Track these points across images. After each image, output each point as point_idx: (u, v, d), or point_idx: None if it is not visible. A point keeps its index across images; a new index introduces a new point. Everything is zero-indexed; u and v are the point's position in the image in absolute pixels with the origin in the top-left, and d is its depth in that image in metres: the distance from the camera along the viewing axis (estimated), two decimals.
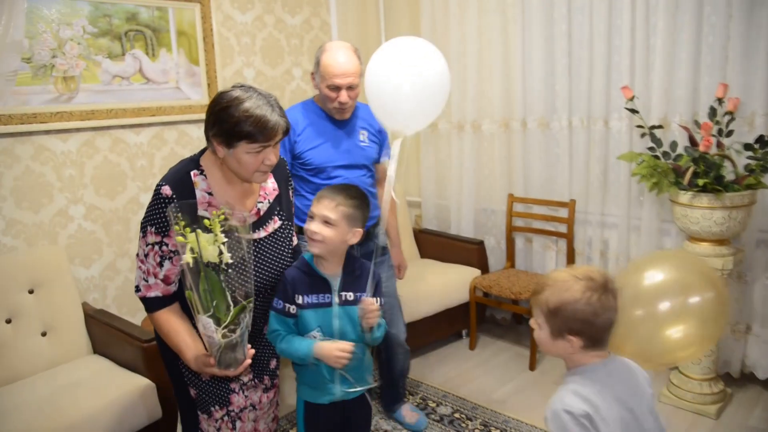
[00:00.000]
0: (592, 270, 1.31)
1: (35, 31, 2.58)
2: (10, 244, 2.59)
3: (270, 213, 1.73)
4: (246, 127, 1.49)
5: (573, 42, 3.07)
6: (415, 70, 1.86)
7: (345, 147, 2.31)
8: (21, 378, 2.35)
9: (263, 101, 1.52)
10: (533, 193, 3.36)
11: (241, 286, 1.43)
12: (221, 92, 1.55)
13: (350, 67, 2.18)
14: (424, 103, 1.90)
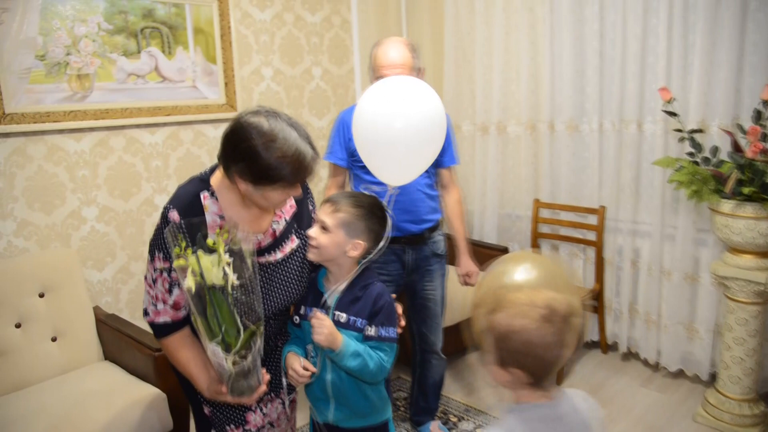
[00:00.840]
0: (557, 298, 1.12)
1: (49, 27, 2.51)
2: (21, 246, 2.52)
3: (287, 233, 1.61)
4: (281, 173, 1.35)
5: (605, 42, 2.93)
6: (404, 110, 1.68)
7: None
8: (30, 384, 2.28)
9: (295, 134, 1.36)
10: (560, 198, 3.22)
11: (250, 310, 1.33)
12: (245, 122, 1.36)
13: (398, 58, 2.12)
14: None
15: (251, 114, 1.38)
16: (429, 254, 2.35)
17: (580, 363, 3.11)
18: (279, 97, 3.35)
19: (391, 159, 1.71)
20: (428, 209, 2.32)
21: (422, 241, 2.31)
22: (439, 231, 2.39)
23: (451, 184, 2.45)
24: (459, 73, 3.52)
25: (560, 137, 3.16)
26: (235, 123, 1.39)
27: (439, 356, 2.49)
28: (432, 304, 2.41)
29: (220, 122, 3.10)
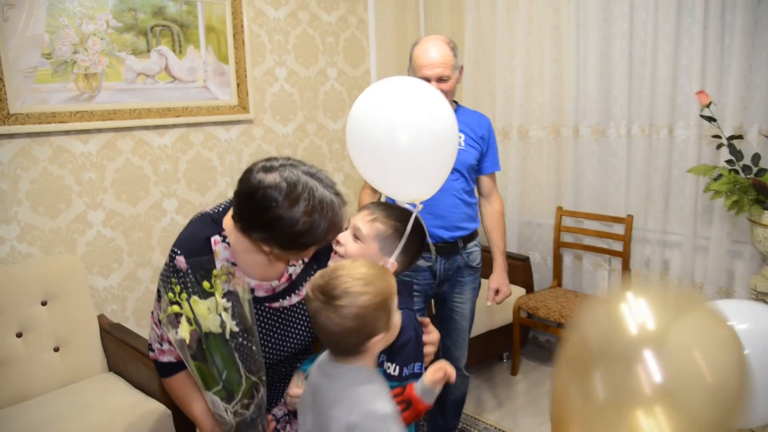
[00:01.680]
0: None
1: (57, 25, 2.42)
2: (25, 251, 2.43)
3: (304, 275, 1.48)
4: (311, 235, 1.23)
5: (634, 42, 2.80)
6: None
7: None
8: (30, 397, 2.18)
9: (316, 183, 1.22)
10: (585, 206, 3.08)
11: (250, 358, 1.23)
12: (261, 185, 1.19)
13: (438, 57, 2.05)
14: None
15: (264, 170, 1.22)
16: (462, 265, 2.23)
17: None
18: (293, 99, 3.24)
19: (393, 173, 1.45)
20: (463, 216, 2.20)
21: (455, 251, 2.20)
22: (474, 242, 2.27)
23: (493, 192, 2.34)
24: (479, 76, 3.40)
25: (585, 142, 3.02)
26: (248, 185, 1.22)
27: (462, 373, 2.36)
28: (459, 318, 2.29)
29: (231, 124, 3.00)
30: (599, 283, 3.08)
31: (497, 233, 2.32)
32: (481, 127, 2.26)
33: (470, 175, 2.24)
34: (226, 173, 3.01)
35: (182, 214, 2.87)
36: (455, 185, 2.18)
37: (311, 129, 3.35)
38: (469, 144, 2.22)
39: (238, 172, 3.02)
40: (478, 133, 2.24)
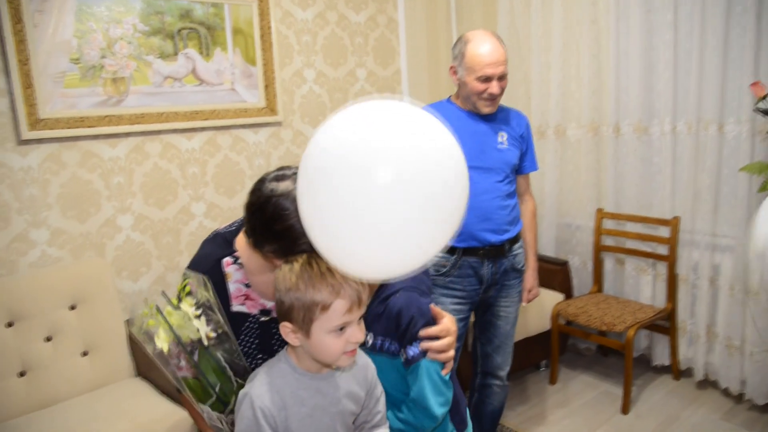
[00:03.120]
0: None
1: (84, 29, 2.42)
2: (55, 255, 2.43)
3: None
4: None
5: (679, 33, 2.63)
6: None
7: (480, 147, 2.08)
8: (58, 401, 2.18)
9: None
10: (626, 208, 2.92)
11: (234, 364, 1.21)
12: (272, 195, 1.14)
13: (500, 55, 2.01)
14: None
15: (275, 180, 1.17)
16: (508, 268, 2.15)
17: (648, 389, 2.80)
18: (321, 100, 3.19)
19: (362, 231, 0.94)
20: (509, 218, 2.13)
21: (502, 254, 2.12)
22: (519, 243, 2.20)
23: (527, 192, 2.30)
24: (513, 72, 3.27)
25: (626, 141, 2.86)
26: (259, 196, 1.17)
27: (503, 382, 2.25)
28: (503, 323, 2.20)
29: (259, 126, 2.97)
30: (643, 289, 2.92)
31: (530, 233, 2.27)
32: (520, 125, 2.19)
33: (512, 175, 2.16)
34: (255, 176, 2.95)
35: (210, 217, 2.84)
36: (501, 187, 2.11)
37: None
38: (511, 143, 2.14)
39: None
40: (518, 132, 2.17)
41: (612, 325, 2.59)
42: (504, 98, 3.30)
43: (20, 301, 2.17)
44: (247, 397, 1.11)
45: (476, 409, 2.32)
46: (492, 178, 2.08)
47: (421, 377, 1.22)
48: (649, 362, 2.99)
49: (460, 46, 2.06)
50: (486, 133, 2.10)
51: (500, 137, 2.11)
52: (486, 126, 2.11)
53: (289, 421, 1.12)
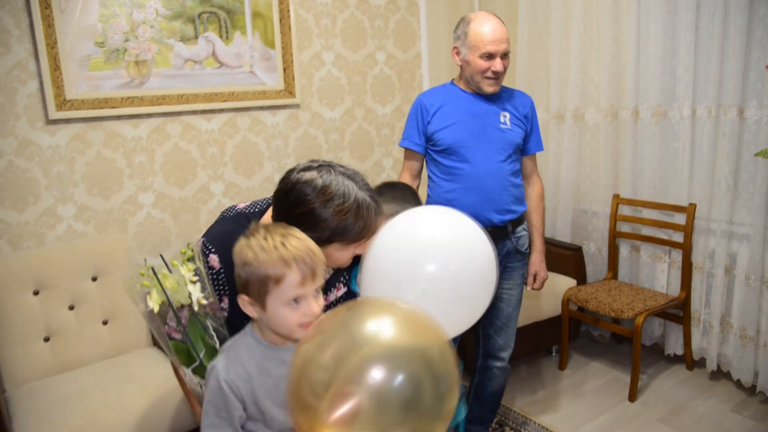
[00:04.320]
0: None
1: (109, 14, 2.53)
2: (80, 230, 2.57)
3: (334, 281, 1.51)
4: (341, 230, 1.26)
5: (701, 16, 2.56)
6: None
7: (481, 127, 2.09)
8: (79, 366, 2.32)
9: (353, 185, 1.27)
10: (644, 194, 2.87)
11: (220, 332, 1.28)
12: (298, 182, 1.28)
13: (502, 32, 2.03)
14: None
15: (303, 170, 1.29)
16: (511, 250, 2.17)
17: (660, 378, 2.77)
18: (340, 83, 3.23)
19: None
20: (512, 198, 2.13)
21: (505, 235, 2.13)
22: (523, 225, 2.21)
23: (534, 174, 2.28)
24: (533, 56, 3.24)
25: (645, 125, 2.81)
26: (287, 183, 1.30)
27: (504, 364, 2.27)
28: (504, 305, 2.21)
29: (277, 108, 3.04)
30: (658, 277, 2.87)
31: (537, 216, 2.25)
32: (524, 105, 2.18)
33: (516, 155, 2.15)
34: (273, 158, 3.06)
35: (229, 197, 2.94)
36: (504, 166, 2.11)
37: (359, 113, 3.33)
38: (514, 123, 2.14)
39: (284, 157, 3.08)
40: (522, 112, 2.16)
41: (620, 312, 2.57)
42: (524, 82, 3.29)
43: (46, 272, 2.31)
44: (214, 369, 1.17)
45: (477, 391, 2.35)
46: (494, 157, 2.08)
47: None
48: (662, 351, 2.95)
49: (463, 27, 2.07)
50: (488, 113, 2.10)
51: (502, 117, 2.11)
52: (488, 106, 2.11)
53: (256, 392, 1.17)
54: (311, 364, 0.98)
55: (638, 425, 2.44)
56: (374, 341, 0.98)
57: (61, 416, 1.94)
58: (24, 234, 2.45)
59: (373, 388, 0.92)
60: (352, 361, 0.94)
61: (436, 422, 0.95)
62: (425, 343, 1.00)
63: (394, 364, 0.94)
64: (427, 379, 0.94)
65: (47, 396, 2.07)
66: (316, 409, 0.94)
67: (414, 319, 1.05)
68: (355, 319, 1.02)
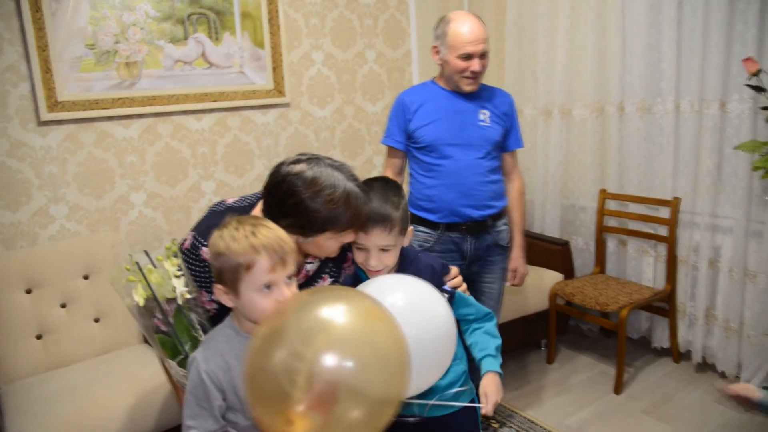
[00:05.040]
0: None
1: (99, 17, 2.57)
2: (73, 229, 2.62)
3: (320, 272, 1.55)
4: (334, 221, 1.31)
5: (684, 11, 2.58)
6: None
7: (460, 125, 2.14)
8: (71, 363, 2.36)
9: (341, 176, 1.32)
10: (630, 188, 2.90)
11: (204, 325, 1.32)
12: (289, 174, 1.32)
13: (480, 33, 2.06)
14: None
15: (292, 163, 1.34)
16: (491, 244, 2.20)
17: (646, 371, 2.79)
18: (330, 82, 3.27)
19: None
20: (491, 194, 2.17)
21: (484, 230, 2.17)
22: (503, 220, 2.25)
23: (514, 170, 2.32)
24: (521, 53, 3.27)
25: (630, 120, 2.83)
26: (276, 176, 1.35)
27: None
28: (486, 299, 2.25)
29: (268, 108, 3.07)
30: (644, 270, 2.90)
31: (517, 212, 2.30)
32: (503, 103, 2.22)
33: (495, 152, 2.19)
34: (264, 156, 3.09)
35: (220, 196, 2.98)
36: (483, 163, 2.15)
37: (349, 112, 3.36)
38: (494, 121, 2.18)
39: (275, 155, 3.11)
40: (502, 110, 2.20)
41: (606, 305, 2.60)
42: (512, 78, 3.31)
43: (38, 270, 2.36)
44: (195, 360, 1.21)
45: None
46: (472, 154, 2.12)
47: (467, 299, 1.53)
48: (649, 344, 2.98)
49: (442, 26, 2.10)
50: (467, 111, 2.14)
51: (482, 115, 2.14)
52: (467, 104, 2.14)
53: (236, 381, 1.21)
54: (260, 361, 1.04)
55: (623, 417, 2.47)
56: (325, 330, 1.03)
57: (51, 412, 1.98)
58: (17, 234, 2.49)
59: (335, 374, 0.97)
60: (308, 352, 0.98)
61: (385, 405, 1.00)
62: (375, 330, 1.04)
63: (345, 352, 0.98)
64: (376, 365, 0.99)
65: (39, 392, 2.11)
66: (287, 398, 0.99)
67: (364, 307, 1.10)
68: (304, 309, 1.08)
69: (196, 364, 1.20)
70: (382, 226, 1.40)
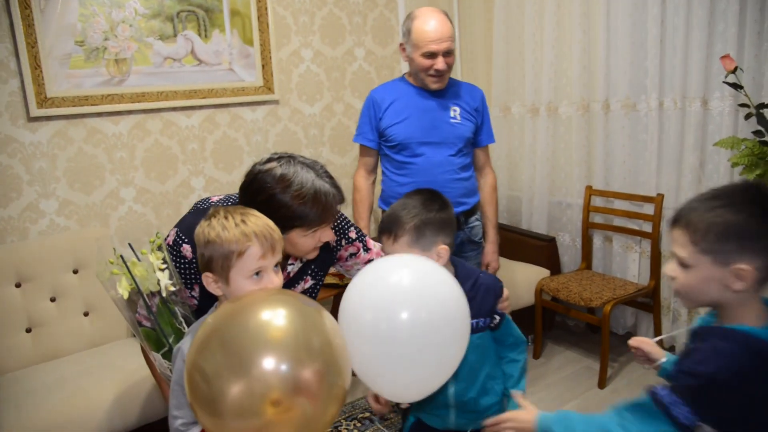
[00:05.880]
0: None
1: (88, 14, 2.59)
2: (63, 225, 2.64)
3: (302, 273, 1.58)
4: (303, 215, 1.35)
5: (667, 9, 2.61)
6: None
7: (431, 122, 2.15)
8: (62, 356, 2.39)
9: (312, 174, 1.36)
10: (615, 185, 2.93)
11: (188, 317, 1.35)
12: (260, 171, 1.37)
13: (445, 31, 2.05)
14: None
15: (264, 162, 1.40)
16: (464, 240, 2.23)
17: (631, 366, 2.82)
18: (319, 79, 3.29)
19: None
20: (463, 191, 2.19)
21: (457, 226, 2.19)
22: (476, 216, 2.27)
23: (486, 166, 2.33)
24: (509, 52, 3.30)
25: (616, 117, 2.86)
26: (250, 174, 1.40)
27: None
28: None
29: (257, 105, 3.10)
30: (629, 266, 2.93)
31: (490, 207, 2.31)
32: (474, 99, 2.22)
33: (467, 148, 2.21)
34: (253, 152, 3.12)
35: (209, 192, 3.01)
36: (453, 160, 2.16)
37: (339, 109, 3.39)
38: (465, 117, 2.19)
39: (264, 152, 3.13)
40: (473, 105, 2.21)
41: (589, 301, 2.63)
42: (500, 77, 3.34)
43: (28, 265, 2.38)
44: (180, 351, 1.23)
45: None
46: (444, 152, 2.13)
47: (512, 325, 1.51)
48: None
49: (407, 23, 2.10)
50: (438, 108, 2.15)
51: (453, 112, 2.15)
52: (438, 101, 2.15)
53: None
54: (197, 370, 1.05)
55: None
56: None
57: (39, 403, 2.01)
58: (7, 228, 2.52)
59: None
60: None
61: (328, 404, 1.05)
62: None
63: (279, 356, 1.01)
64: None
65: (27, 384, 2.14)
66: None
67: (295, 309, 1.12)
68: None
69: (182, 354, 1.22)
70: (387, 234, 1.40)
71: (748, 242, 1.00)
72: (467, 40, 3.59)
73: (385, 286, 1.20)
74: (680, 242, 1.07)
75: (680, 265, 1.08)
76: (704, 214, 1.04)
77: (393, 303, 1.16)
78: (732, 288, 1.02)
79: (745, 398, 0.97)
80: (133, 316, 1.43)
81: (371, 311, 1.17)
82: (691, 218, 1.06)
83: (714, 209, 1.03)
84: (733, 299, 1.03)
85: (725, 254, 1.01)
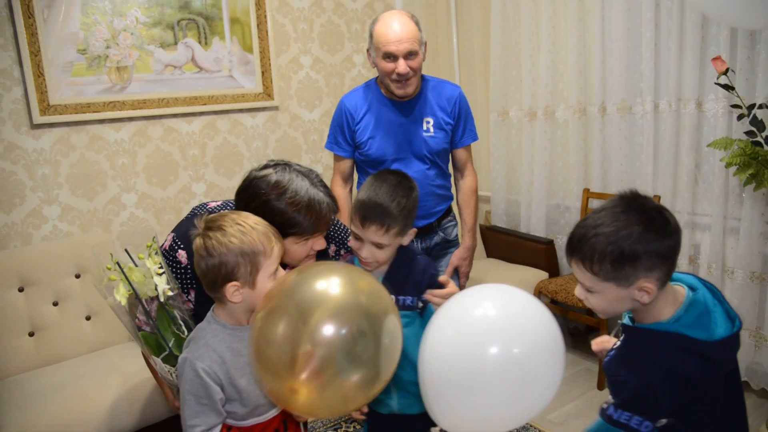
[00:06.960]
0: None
1: (90, 22, 2.64)
2: (66, 230, 2.68)
3: None
4: (297, 222, 1.36)
5: (661, 12, 2.63)
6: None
7: (405, 137, 2.08)
8: (64, 359, 2.42)
9: (307, 182, 1.38)
10: (612, 187, 2.95)
11: (187, 321, 1.37)
12: (255, 177, 1.39)
13: (405, 32, 1.92)
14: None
15: (260, 169, 1.41)
16: (440, 241, 2.22)
17: None
18: (318, 86, 3.33)
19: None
20: (437, 201, 2.17)
21: (431, 230, 2.20)
22: (449, 217, 2.24)
23: (467, 166, 2.24)
24: (506, 56, 3.33)
25: (612, 121, 2.89)
26: (245, 180, 1.42)
27: None
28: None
29: (257, 111, 3.14)
30: None
31: (468, 210, 2.24)
32: (450, 101, 2.11)
33: (442, 157, 2.16)
34: (253, 158, 3.15)
35: (210, 197, 3.04)
36: (429, 174, 2.12)
37: None
38: (438, 128, 2.11)
39: (264, 157, 3.17)
40: (447, 110, 2.11)
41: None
42: (498, 82, 3.37)
43: (31, 269, 2.41)
44: (186, 361, 1.22)
45: None
46: (418, 166, 2.09)
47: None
48: None
49: (370, 27, 2.02)
50: (411, 122, 2.08)
51: (426, 124, 2.08)
52: (411, 113, 2.07)
53: (231, 373, 1.23)
54: (266, 336, 1.12)
55: None
56: (320, 304, 1.13)
57: (42, 406, 2.03)
58: (11, 234, 2.55)
59: (328, 343, 1.08)
60: (305, 326, 1.10)
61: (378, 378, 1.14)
62: (366, 301, 1.16)
63: (340, 321, 1.10)
64: (370, 333, 1.11)
65: (30, 388, 2.16)
66: (284, 373, 1.09)
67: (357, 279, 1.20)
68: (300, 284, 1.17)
69: (189, 363, 1.21)
70: (379, 224, 1.39)
71: (642, 262, 1.04)
72: (465, 45, 3.63)
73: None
74: (580, 272, 1.11)
75: (587, 290, 1.13)
76: (595, 244, 1.06)
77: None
78: (641, 302, 1.08)
79: (684, 387, 1.03)
80: (132, 321, 1.44)
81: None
82: (585, 251, 1.08)
83: (601, 236, 1.06)
84: (647, 303, 1.09)
85: (625, 278, 1.06)
